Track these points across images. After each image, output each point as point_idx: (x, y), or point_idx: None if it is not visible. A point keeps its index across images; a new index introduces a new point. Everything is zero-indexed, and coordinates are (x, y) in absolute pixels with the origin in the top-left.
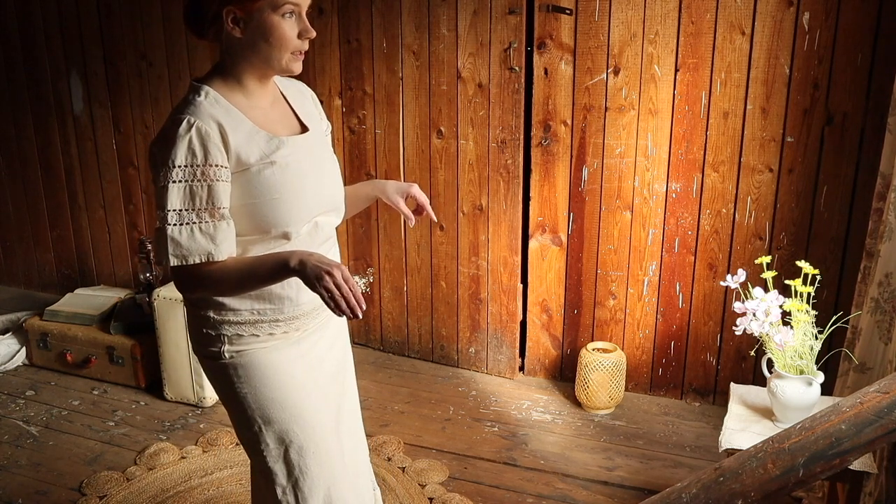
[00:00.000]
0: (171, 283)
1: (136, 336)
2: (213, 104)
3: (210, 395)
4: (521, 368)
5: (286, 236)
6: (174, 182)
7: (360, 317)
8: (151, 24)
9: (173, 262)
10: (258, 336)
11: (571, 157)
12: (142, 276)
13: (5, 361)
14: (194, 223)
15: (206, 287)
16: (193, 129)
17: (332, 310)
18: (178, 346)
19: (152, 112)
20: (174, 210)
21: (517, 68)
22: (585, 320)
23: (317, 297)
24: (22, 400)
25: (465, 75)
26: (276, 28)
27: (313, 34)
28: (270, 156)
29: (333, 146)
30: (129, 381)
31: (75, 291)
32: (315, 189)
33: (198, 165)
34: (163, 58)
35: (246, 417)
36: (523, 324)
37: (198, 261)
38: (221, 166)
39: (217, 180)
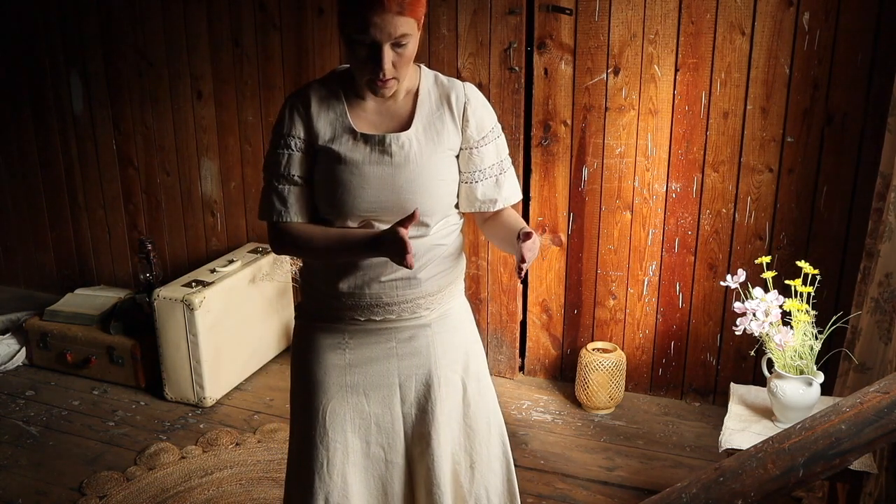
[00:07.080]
0: (171, 283)
1: (136, 336)
2: (324, 84)
3: (210, 394)
4: (521, 368)
5: (342, 225)
6: (270, 148)
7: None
8: (151, 24)
9: (260, 216)
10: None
11: (571, 157)
12: (142, 276)
13: (5, 361)
14: (273, 185)
15: (287, 245)
16: (288, 103)
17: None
18: (178, 347)
19: (152, 112)
20: (267, 172)
21: (517, 68)
22: (585, 320)
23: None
24: (22, 400)
25: (465, 75)
26: (351, 54)
27: (386, 72)
28: (335, 141)
29: None
30: (129, 381)
31: (75, 291)
32: (362, 188)
33: (283, 134)
34: (163, 58)
35: None
36: (523, 324)
37: (274, 219)
38: (298, 137)
39: (295, 150)
